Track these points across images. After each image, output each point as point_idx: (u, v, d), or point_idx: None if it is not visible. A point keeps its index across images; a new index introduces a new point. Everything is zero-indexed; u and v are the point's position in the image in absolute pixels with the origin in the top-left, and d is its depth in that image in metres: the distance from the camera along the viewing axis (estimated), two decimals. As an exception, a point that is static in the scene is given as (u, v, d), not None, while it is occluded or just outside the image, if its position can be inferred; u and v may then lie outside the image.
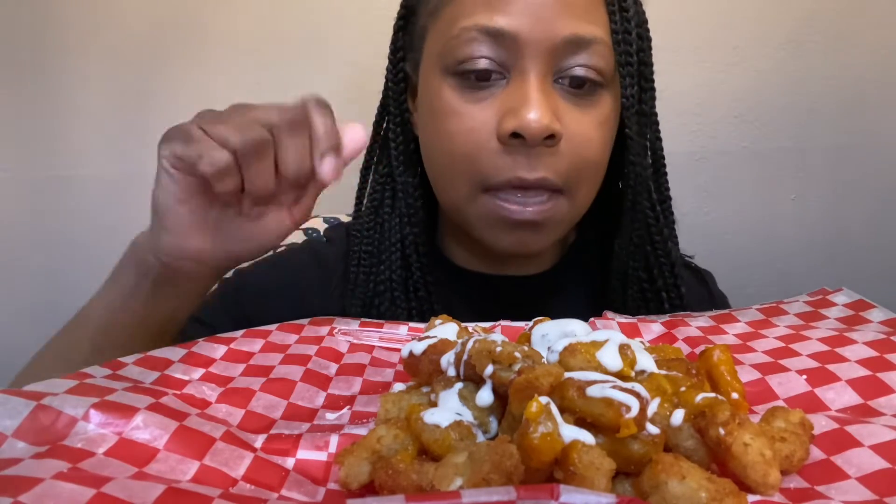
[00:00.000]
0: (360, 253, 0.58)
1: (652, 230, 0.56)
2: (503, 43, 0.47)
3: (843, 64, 1.13)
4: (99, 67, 1.11)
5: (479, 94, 0.49)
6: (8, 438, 0.25)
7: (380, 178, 0.59)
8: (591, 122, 0.50)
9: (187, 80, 1.12)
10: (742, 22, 1.11)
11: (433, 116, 0.52)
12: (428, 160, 0.55)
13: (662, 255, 0.55)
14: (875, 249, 1.19)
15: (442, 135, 0.50)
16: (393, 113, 0.57)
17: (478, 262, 0.60)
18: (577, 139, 0.48)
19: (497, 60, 0.48)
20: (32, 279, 1.16)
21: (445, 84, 0.50)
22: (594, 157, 0.50)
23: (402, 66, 0.57)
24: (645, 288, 0.56)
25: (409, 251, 0.56)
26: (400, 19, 0.57)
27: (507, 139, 0.47)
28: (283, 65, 1.12)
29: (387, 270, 0.57)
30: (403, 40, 0.57)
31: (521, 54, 0.47)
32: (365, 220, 0.59)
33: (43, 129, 1.13)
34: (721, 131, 1.14)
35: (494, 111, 0.48)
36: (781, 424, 0.27)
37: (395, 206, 0.57)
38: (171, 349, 0.38)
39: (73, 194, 1.15)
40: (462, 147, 0.49)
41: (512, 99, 0.47)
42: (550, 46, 0.47)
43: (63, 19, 1.10)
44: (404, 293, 0.56)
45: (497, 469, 0.23)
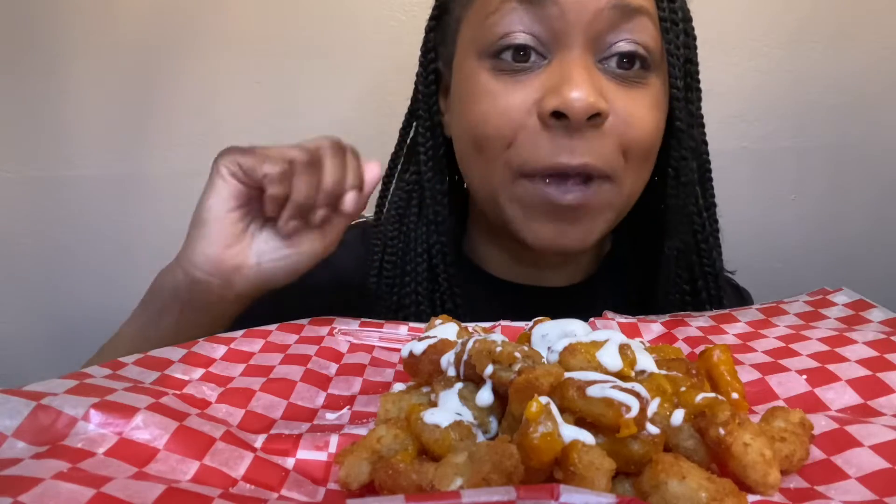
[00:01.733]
0: (383, 263, 0.55)
1: (698, 237, 0.52)
2: (543, 14, 0.44)
3: (843, 64, 1.13)
4: (99, 67, 1.11)
5: (518, 76, 0.45)
6: (8, 438, 0.25)
7: (406, 186, 0.56)
8: (638, 103, 0.46)
9: (187, 81, 1.12)
10: (742, 22, 1.11)
11: (467, 101, 0.48)
12: (461, 150, 0.52)
13: (708, 264, 0.52)
14: (875, 249, 1.19)
15: (476, 117, 0.47)
16: (423, 117, 0.54)
17: (511, 270, 0.57)
18: (624, 118, 0.45)
19: (537, 36, 0.45)
20: (32, 279, 1.16)
21: (481, 68, 0.47)
22: (642, 139, 0.46)
23: (433, 67, 0.54)
24: (687, 301, 0.53)
25: (437, 261, 0.53)
26: (432, 19, 0.54)
27: (548, 119, 0.44)
28: (283, 65, 1.12)
29: (412, 283, 0.53)
30: (435, 40, 0.54)
31: (563, 27, 0.44)
32: (389, 228, 0.55)
33: (43, 129, 1.13)
34: (721, 131, 1.14)
35: (534, 90, 0.45)
36: (781, 424, 0.27)
37: (422, 214, 0.54)
38: (172, 349, 0.38)
39: (73, 194, 1.15)
40: (498, 129, 0.46)
41: (553, 77, 0.44)
42: (594, 14, 0.44)
43: (63, 20, 1.10)
44: (430, 306, 0.53)
45: (497, 469, 0.23)
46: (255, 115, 1.13)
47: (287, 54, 1.12)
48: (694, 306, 0.52)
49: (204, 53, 1.11)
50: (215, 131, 1.14)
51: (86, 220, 1.16)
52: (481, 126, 0.47)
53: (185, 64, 1.12)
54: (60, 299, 1.17)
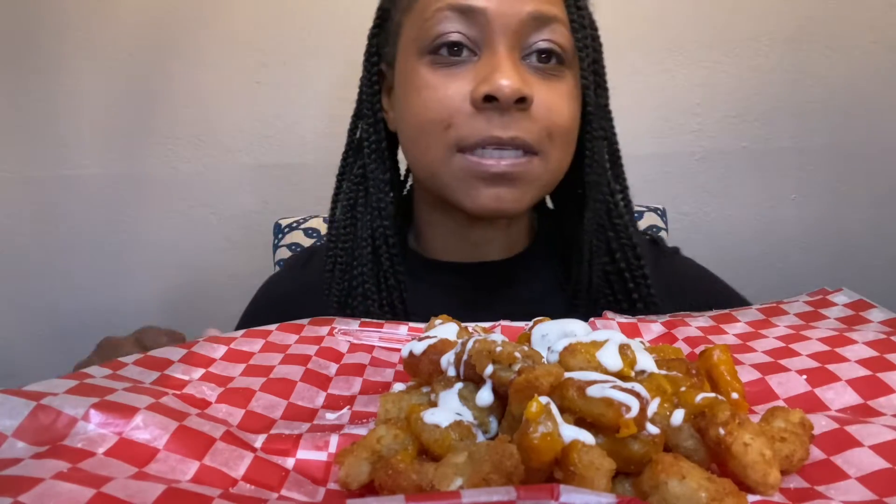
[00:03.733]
0: (337, 252, 0.61)
1: (612, 214, 0.59)
2: (473, 19, 0.51)
3: (843, 64, 1.13)
4: (99, 68, 1.11)
5: (453, 70, 0.52)
6: (8, 438, 0.25)
7: (354, 179, 0.61)
8: (557, 92, 0.53)
9: (187, 80, 1.12)
10: (742, 22, 1.11)
11: (409, 93, 0.54)
12: (405, 138, 0.58)
13: (625, 237, 0.59)
14: (875, 249, 1.19)
15: (418, 106, 0.53)
16: (367, 115, 0.60)
17: (451, 251, 0.62)
18: (546, 105, 0.52)
19: (468, 36, 0.52)
20: (32, 279, 1.16)
21: (421, 63, 0.53)
22: (564, 123, 0.54)
23: (376, 69, 0.60)
24: (608, 270, 0.59)
25: (379, 243, 0.59)
26: (375, 26, 0.61)
27: (481, 103, 0.50)
28: (283, 65, 1.12)
29: (359, 266, 0.59)
30: (378, 44, 0.60)
31: (491, 30, 0.51)
32: (341, 220, 0.62)
33: (43, 129, 1.13)
34: (721, 131, 1.14)
35: (468, 81, 0.51)
36: (781, 424, 0.27)
37: (368, 203, 0.60)
38: (171, 349, 0.38)
39: (73, 194, 1.15)
40: (437, 113, 0.52)
41: (484, 69, 0.51)
42: (517, 22, 0.51)
43: (63, 20, 1.10)
44: (375, 285, 0.58)
45: (497, 469, 0.23)
46: (255, 115, 1.13)
47: (287, 54, 1.12)
48: (615, 274, 0.59)
49: (204, 54, 1.11)
50: (215, 131, 1.14)
51: (86, 220, 1.16)
52: (423, 112, 0.53)
53: (184, 64, 1.12)
54: (60, 299, 1.17)
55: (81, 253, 1.16)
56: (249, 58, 1.12)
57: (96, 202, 1.15)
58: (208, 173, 1.15)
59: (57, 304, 1.17)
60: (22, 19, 1.10)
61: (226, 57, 1.12)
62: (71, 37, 1.11)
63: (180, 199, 1.16)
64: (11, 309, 1.17)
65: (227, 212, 1.16)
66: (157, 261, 1.17)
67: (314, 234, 0.93)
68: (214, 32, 1.11)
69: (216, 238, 1.17)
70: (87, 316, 1.17)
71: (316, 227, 0.94)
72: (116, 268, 1.17)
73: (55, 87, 1.12)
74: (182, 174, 1.15)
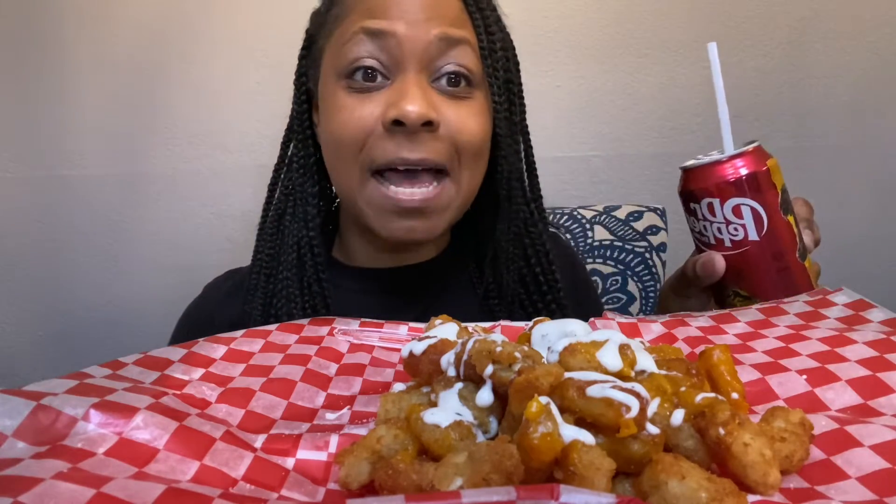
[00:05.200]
0: (263, 257, 0.64)
1: (528, 223, 0.63)
2: (385, 43, 0.54)
3: (843, 64, 1.13)
4: (99, 68, 1.11)
5: (367, 94, 0.55)
6: (8, 438, 0.25)
7: (284, 191, 0.65)
8: (465, 112, 0.56)
9: (187, 81, 1.12)
10: (742, 22, 1.12)
11: (328, 114, 0.58)
12: (327, 157, 0.61)
13: (539, 244, 0.63)
14: (875, 249, 1.19)
15: (336, 126, 0.56)
16: (297, 131, 0.64)
17: (374, 259, 0.66)
18: (454, 125, 0.55)
19: (381, 61, 0.55)
20: (32, 278, 1.16)
21: (339, 87, 0.57)
22: (472, 142, 0.57)
23: (305, 88, 0.64)
24: (524, 273, 0.63)
25: (304, 251, 0.62)
26: (303, 49, 0.65)
27: (390, 126, 0.53)
28: (283, 65, 1.12)
29: (284, 271, 0.62)
30: (307, 65, 0.64)
31: (401, 53, 0.54)
32: (268, 227, 0.65)
33: (43, 129, 1.13)
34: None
35: (379, 104, 0.55)
36: (781, 424, 0.27)
37: (296, 214, 0.63)
38: (171, 349, 0.38)
39: (73, 194, 1.15)
40: (352, 134, 0.55)
41: (394, 94, 0.54)
42: (424, 44, 0.54)
43: (64, 20, 1.10)
44: (299, 289, 0.61)
45: (497, 469, 0.23)
46: (254, 115, 1.13)
47: (287, 54, 1.12)
48: (531, 277, 0.63)
49: (204, 54, 1.11)
50: (215, 131, 1.14)
51: (86, 219, 1.16)
52: (339, 133, 0.56)
53: (185, 64, 1.12)
54: (60, 299, 1.17)
55: (81, 253, 1.16)
56: (249, 58, 1.12)
57: (96, 202, 1.15)
58: (208, 173, 1.15)
59: (57, 304, 1.17)
60: (22, 20, 1.10)
61: (226, 57, 1.12)
62: (71, 37, 1.11)
63: (180, 199, 1.16)
64: (11, 309, 1.17)
65: (227, 212, 1.16)
66: (157, 261, 1.17)
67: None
68: (214, 33, 1.11)
69: (216, 238, 1.17)
70: (86, 316, 1.17)
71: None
72: (116, 268, 1.17)
73: (55, 87, 1.12)
74: (182, 174, 1.15)
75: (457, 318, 0.38)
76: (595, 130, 1.14)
